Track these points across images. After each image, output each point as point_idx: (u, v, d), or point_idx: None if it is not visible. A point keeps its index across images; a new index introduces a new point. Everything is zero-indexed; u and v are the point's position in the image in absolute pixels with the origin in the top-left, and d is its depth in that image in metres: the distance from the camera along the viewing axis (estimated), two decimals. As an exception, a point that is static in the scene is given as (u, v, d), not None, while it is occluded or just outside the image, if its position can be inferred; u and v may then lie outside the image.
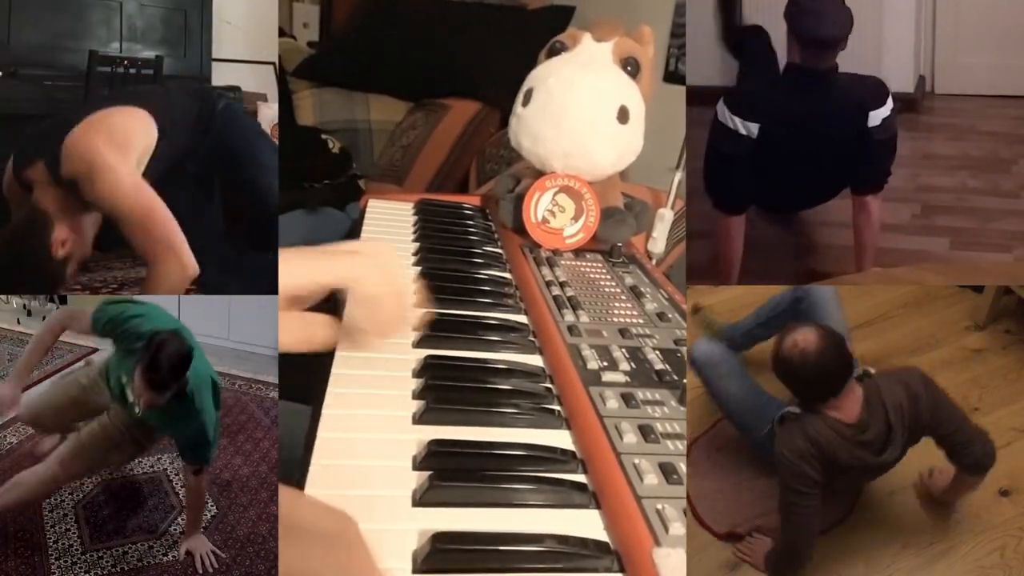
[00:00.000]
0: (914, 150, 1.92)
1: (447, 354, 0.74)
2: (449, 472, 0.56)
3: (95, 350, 2.89)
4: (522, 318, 0.85)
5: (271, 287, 0.64)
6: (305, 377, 0.70)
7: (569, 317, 0.79)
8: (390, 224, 1.13)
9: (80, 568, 1.55)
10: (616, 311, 0.82)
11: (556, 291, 0.85)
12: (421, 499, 0.54)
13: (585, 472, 0.59)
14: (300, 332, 0.63)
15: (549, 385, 0.72)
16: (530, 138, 1.01)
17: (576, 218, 1.02)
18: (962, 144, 1.94)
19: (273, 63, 2.95)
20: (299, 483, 0.54)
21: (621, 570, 0.50)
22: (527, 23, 2.52)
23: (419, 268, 0.95)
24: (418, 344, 0.76)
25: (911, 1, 2.10)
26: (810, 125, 1.41)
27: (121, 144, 1.37)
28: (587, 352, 0.71)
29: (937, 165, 1.66)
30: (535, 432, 0.64)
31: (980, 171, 1.82)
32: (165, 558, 1.61)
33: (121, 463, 1.77)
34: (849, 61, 2.02)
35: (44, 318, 3.23)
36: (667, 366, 0.70)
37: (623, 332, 0.77)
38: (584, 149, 0.99)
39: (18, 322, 3.22)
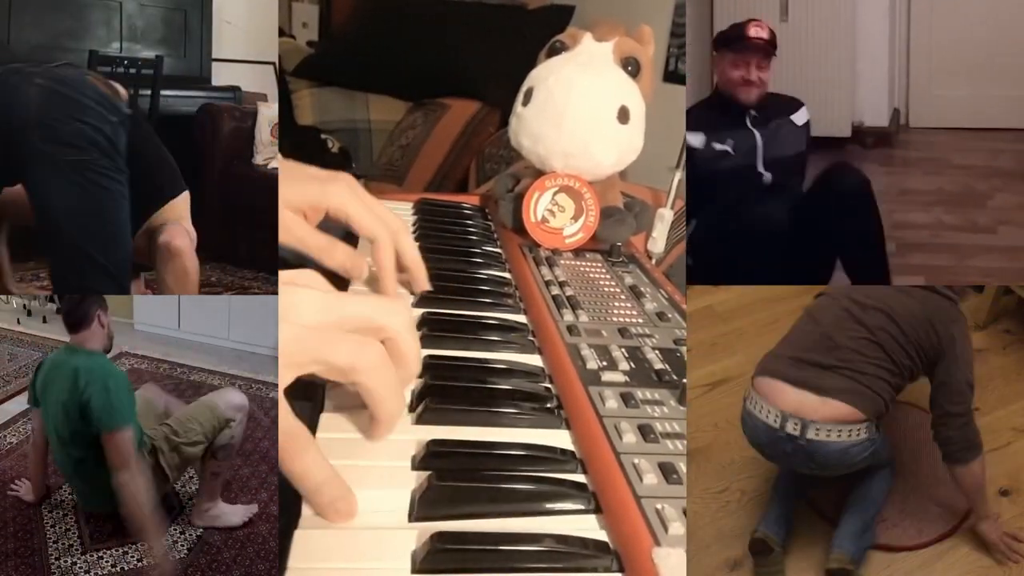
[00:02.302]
0: (889, 186, 1.90)
1: (446, 354, 0.73)
2: (448, 472, 0.56)
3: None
4: (521, 318, 0.85)
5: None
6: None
7: (568, 317, 0.79)
8: (390, 224, 1.13)
9: (80, 568, 1.55)
10: (616, 311, 0.82)
11: (555, 291, 0.85)
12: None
13: (585, 472, 0.59)
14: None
15: (548, 385, 0.72)
16: (530, 138, 1.01)
17: (576, 218, 1.02)
18: (937, 179, 1.93)
19: (273, 63, 2.96)
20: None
21: (621, 570, 0.50)
22: (527, 23, 2.53)
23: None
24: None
25: (884, 33, 2.11)
26: None
27: None
28: (586, 352, 0.71)
29: (913, 201, 1.66)
30: (534, 432, 0.63)
31: (956, 206, 1.81)
32: (165, 558, 1.61)
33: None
34: (823, 94, 2.04)
35: (44, 318, 3.23)
36: (667, 366, 0.70)
37: (623, 332, 0.77)
38: (584, 149, 0.99)
39: (18, 322, 3.22)
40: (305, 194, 0.75)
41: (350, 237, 0.81)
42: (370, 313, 0.54)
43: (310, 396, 0.66)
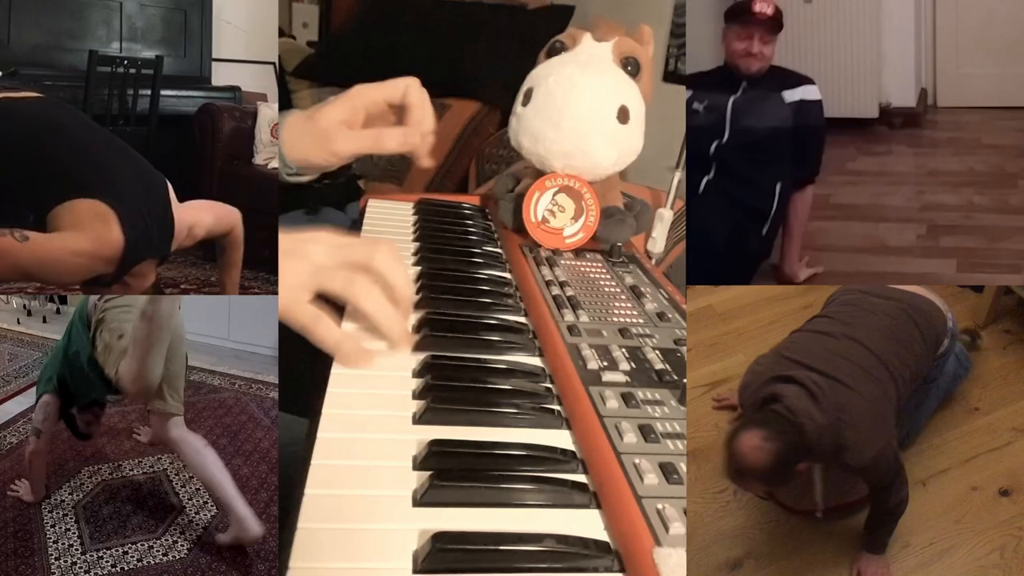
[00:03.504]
0: (918, 167, 1.85)
1: (447, 354, 0.74)
2: (449, 472, 0.56)
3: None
4: (522, 318, 0.85)
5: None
6: (305, 380, 0.70)
7: (569, 317, 0.79)
8: (390, 224, 1.13)
9: (80, 568, 1.55)
10: (616, 311, 0.82)
11: (556, 291, 0.85)
12: (421, 499, 0.54)
13: (585, 472, 0.59)
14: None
15: (549, 385, 0.72)
16: (530, 138, 1.01)
17: (576, 218, 1.02)
18: (967, 159, 1.87)
19: (273, 63, 2.96)
20: (299, 483, 0.54)
21: (621, 570, 0.50)
22: (527, 23, 2.52)
23: (419, 268, 0.95)
24: (418, 344, 0.76)
25: (910, 12, 2.06)
26: None
27: None
28: (587, 352, 0.71)
29: (942, 182, 1.59)
30: (535, 432, 0.64)
31: (986, 187, 1.76)
32: (165, 558, 1.61)
33: None
34: (849, 74, 1.99)
35: (44, 318, 3.23)
36: (667, 366, 0.70)
37: (623, 332, 0.77)
38: (584, 149, 0.99)
39: (18, 322, 3.22)
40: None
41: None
42: (361, 257, 0.72)
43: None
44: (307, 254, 0.71)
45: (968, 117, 2.09)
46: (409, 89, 0.97)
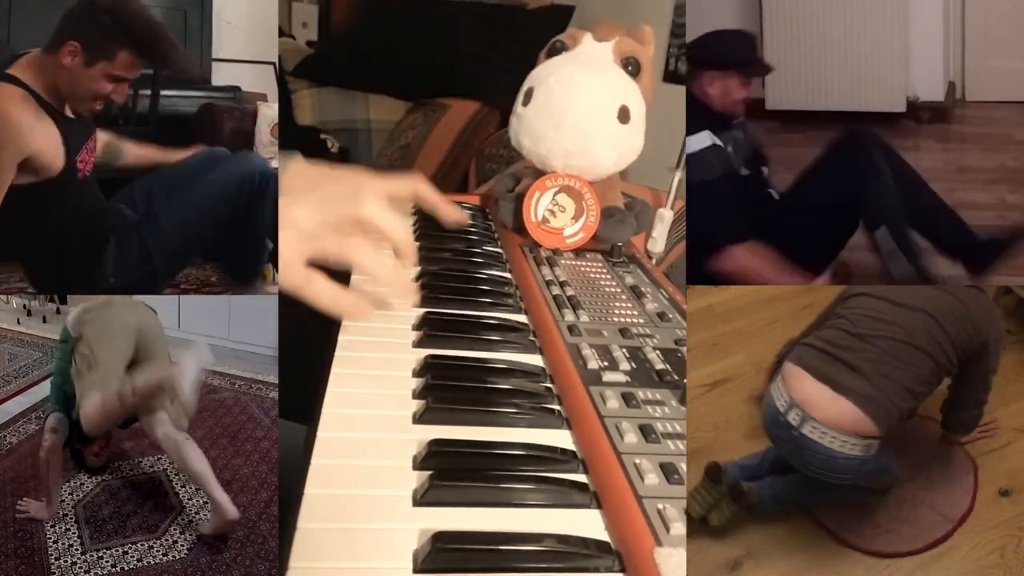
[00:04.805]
0: (947, 163, 1.79)
1: (447, 353, 0.74)
2: (449, 472, 0.56)
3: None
4: (522, 318, 0.85)
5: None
6: (305, 386, 0.70)
7: (569, 317, 0.79)
8: (390, 224, 1.13)
9: (80, 568, 1.55)
10: (616, 311, 0.82)
11: (556, 291, 0.85)
12: (421, 499, 0.54)
13: (586, 472, 0.59)
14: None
15: (549, 385, 0.72)
16: (530, 137, 1.01)
17: (576, 218, 1.02)
18: (998, 155, 1.81)
19: (273, 63, 2.95)
20: (299, 483, 0.54)
21: (622, 570, 0.50)
22: (527, 23, 2.52)
23: (419, 267, 0.95)
24: (418, 344, 0.76)
25: (938, 3, 2.00)
26: None
27: None
28: (587, 352, 0.71)
29: (972, 179, 1.51)
30: (535, 432, 0.64)
31: (1019, 184, 1.69)
32: (165, 558, 1.60)
33: None
34: (877, 68, 1.94)
35: (44, 318, 3.23)
36: (668, 366, 0.70)
37: (623, 332, 0.77)
38: (585, 149, 0.99)
39: (18, 322, 3.22)
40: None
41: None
42: (349, 210, 0.69)
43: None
44: (293, 221, 0.67)
45: (998, 112, 2.02)
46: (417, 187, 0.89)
